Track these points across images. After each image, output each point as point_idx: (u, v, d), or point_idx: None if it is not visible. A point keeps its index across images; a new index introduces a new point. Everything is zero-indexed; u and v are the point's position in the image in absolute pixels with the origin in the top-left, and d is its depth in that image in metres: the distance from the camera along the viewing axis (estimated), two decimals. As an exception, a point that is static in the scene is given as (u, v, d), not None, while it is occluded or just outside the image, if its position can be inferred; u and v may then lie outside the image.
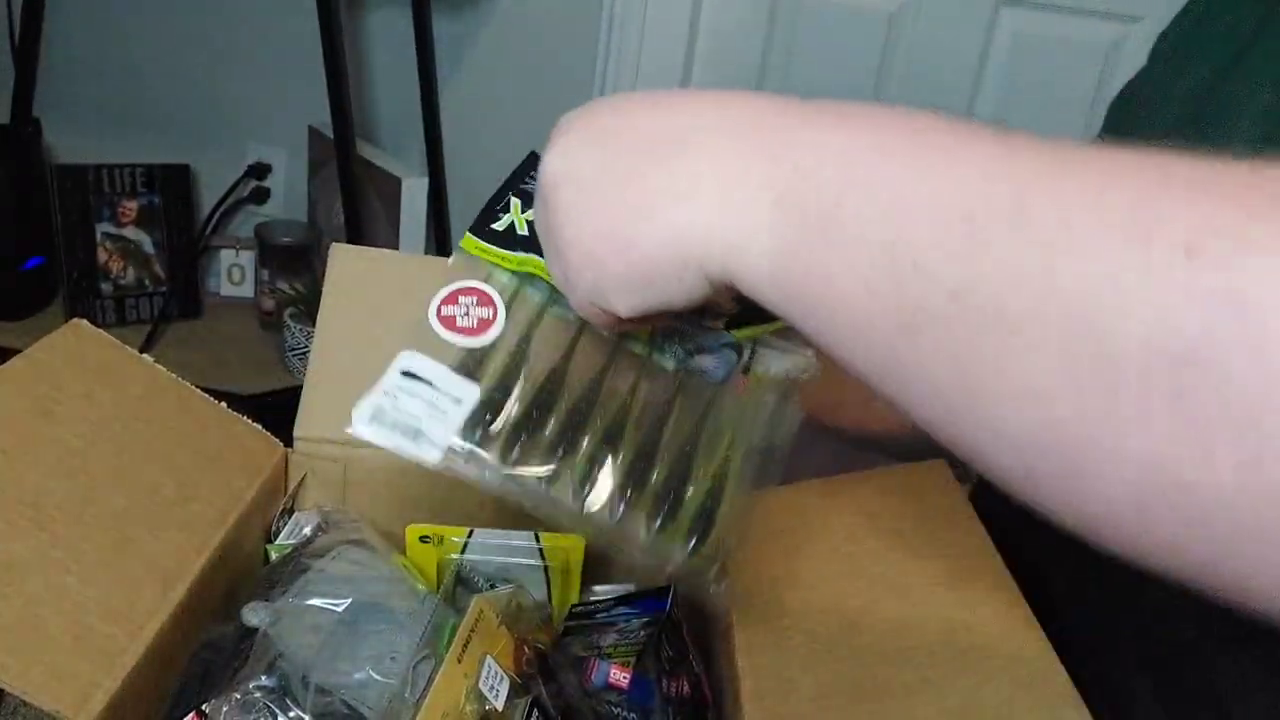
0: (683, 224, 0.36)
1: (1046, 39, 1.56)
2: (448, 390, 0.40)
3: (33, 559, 0.48)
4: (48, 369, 0.57)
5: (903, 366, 0.30)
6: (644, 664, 0.61)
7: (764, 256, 0.34)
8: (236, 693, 0.49)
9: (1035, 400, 0.26)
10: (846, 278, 0.31)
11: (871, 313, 0.30)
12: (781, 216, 0.33)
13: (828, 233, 0.32)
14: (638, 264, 0.38)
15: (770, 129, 0.36)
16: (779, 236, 0.33)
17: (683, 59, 1.63)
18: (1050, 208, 0.27)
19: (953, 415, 0.29)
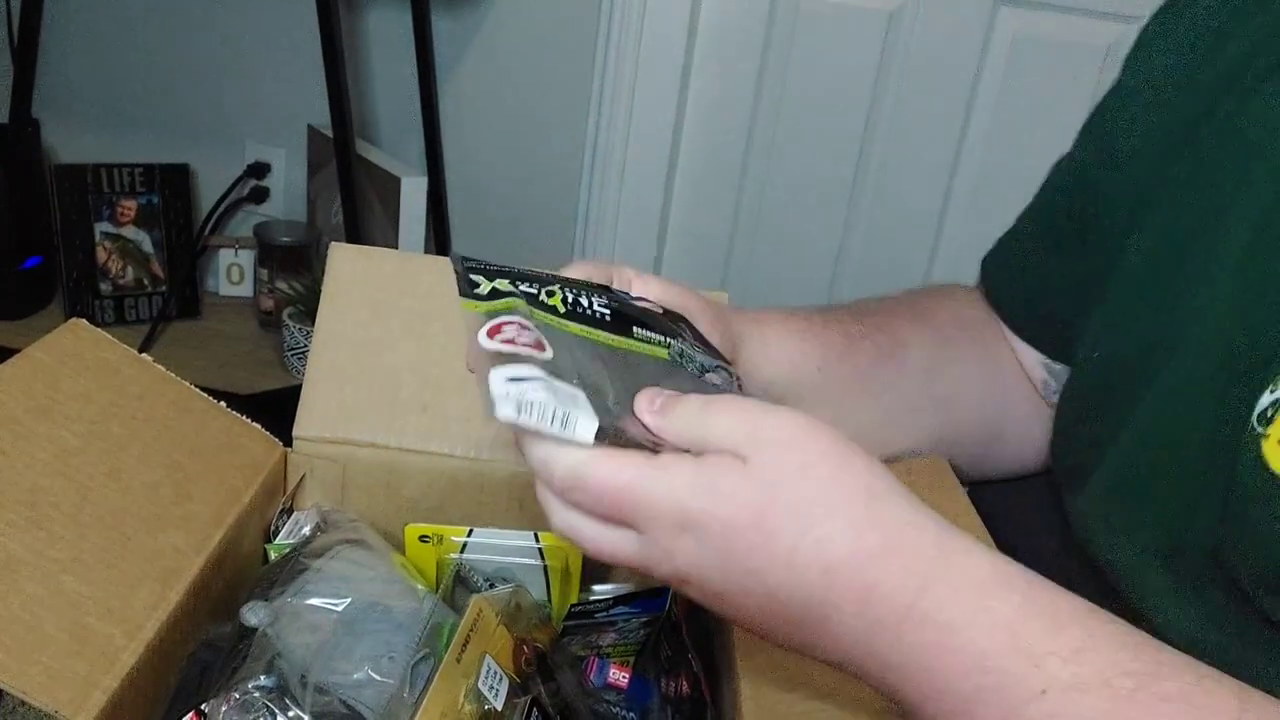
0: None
1: (1045, 39, 1.55)
2: (557, 386, 0.40)
3: (31, 558, 0.48)
4: (46, 368, 0.57)
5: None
6: (643, 663, 0.61)
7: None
8: (235, 692, 0.49)
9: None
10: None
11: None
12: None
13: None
14: (799, 651, 0.41)
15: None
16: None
17: (682, 58, 1.63)
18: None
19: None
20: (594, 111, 1.67)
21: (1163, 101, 0.58)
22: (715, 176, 1.72)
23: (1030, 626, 0.37)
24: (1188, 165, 0.55)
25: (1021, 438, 0.71)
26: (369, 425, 0.66)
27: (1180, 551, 0.51)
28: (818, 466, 0.40)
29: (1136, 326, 0.56)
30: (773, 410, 0.41)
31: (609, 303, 0.46)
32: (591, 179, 1.71)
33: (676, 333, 0.48)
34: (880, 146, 1.65)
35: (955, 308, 0.70)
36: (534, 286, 0.45)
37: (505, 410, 0.39)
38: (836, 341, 0.63)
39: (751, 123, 1.67)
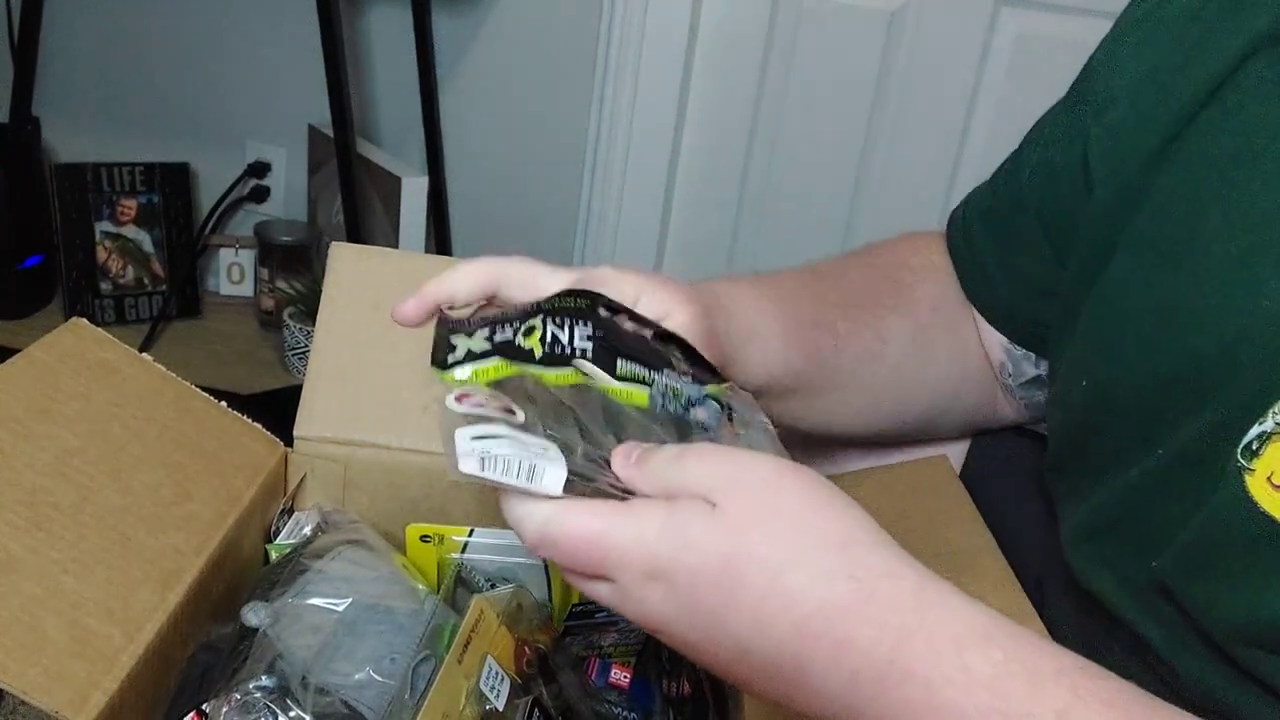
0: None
1: (1047, 38, 1.55)
2: (526, 440, 0.40)
3: (31, 559, 0.48)
4: (46, 368, 0.57)
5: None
6: (644, 664, 0.61)
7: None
8: (236, 693, 0.49)
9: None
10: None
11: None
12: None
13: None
14: (777, 703, 0.40)
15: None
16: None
17: (683, 57, 1.63)
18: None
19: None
20: (595, 111, 1.67)
21: (1138, 119, 0.56)
22: (716, 176, 1.72)
23: (1012, 686, 0.35)
24: (1166, 188, 0.53)
25: (965, 413, 0.71)
26: (370, 425, 0.66)
27: (1162, 591, 0.50)
28: (789, 513, 0.39)
29: (1120, 353, 0.54)
30: (748, 454, 0.40)
31: (593, 333, 0.45)
32: (593, 179, 1.71)
33: (664, 360, 0.46)
34: (882, 146, 1.65)
35: (933, 288, 0.69)
36: (512, 330, 0.44)
37: (468, 466, 0.38)
38: (824, 345, 0.62)
39: (753, 123, 1.67)
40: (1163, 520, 0.50)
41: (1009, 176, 0.67)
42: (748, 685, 0.41)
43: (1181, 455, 0.49)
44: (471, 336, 0.45)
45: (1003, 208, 0.67)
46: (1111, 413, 0.55)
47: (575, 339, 0.44)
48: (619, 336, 0.45)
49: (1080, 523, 0.57)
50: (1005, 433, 0.76)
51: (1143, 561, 0.51)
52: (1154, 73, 0.56)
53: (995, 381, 0.70)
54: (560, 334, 0.44)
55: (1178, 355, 0.50)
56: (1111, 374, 0.54)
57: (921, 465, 0.66)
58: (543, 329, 0.44)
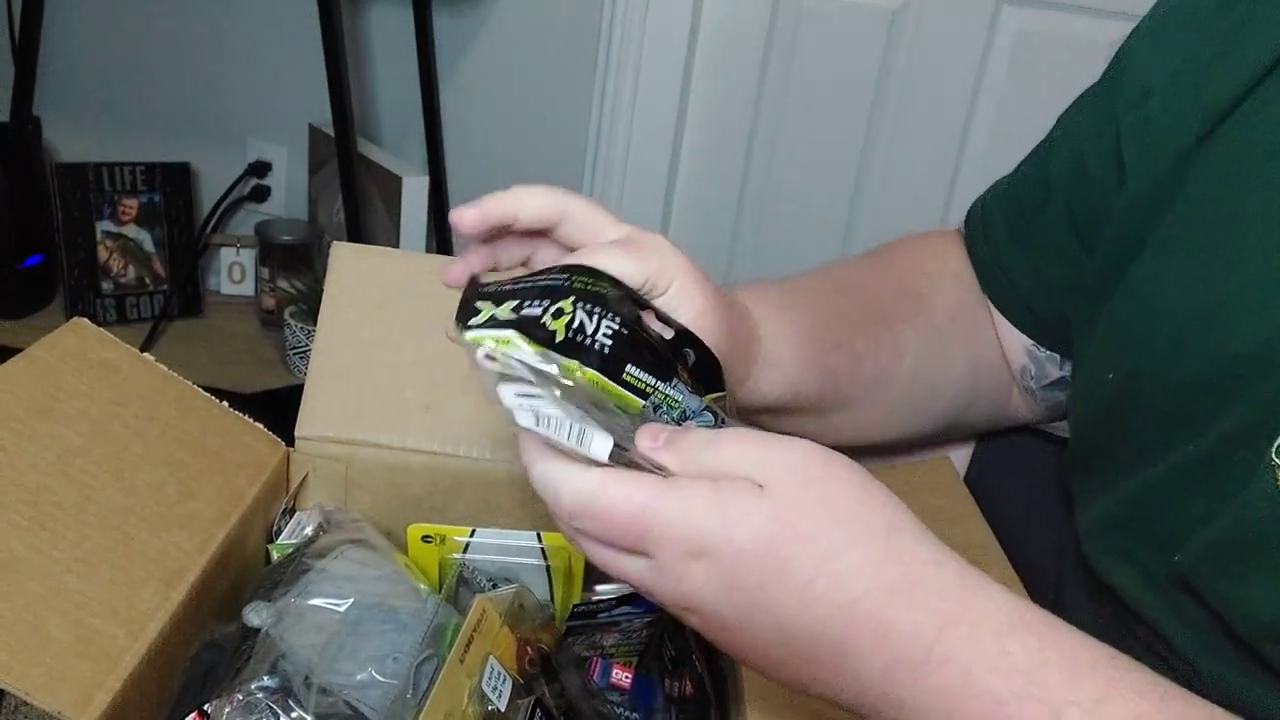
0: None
1: (1048, 36, 1.55)
2: (567, 405, 0.39)
3: (34, 558, 0.48)
4: (48, 368, 0.57)
5: None
6: (646, 664, 0.61)
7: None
8: (239, 693, 0.49)
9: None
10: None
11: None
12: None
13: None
14: (803, 689, 0.40)
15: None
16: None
17: (684, 56, 1.62)
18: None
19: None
20: (596, 110, 1.67)
21: (1172, 113, 0.55)
22: (717, 175, 1.72)
23: (1049, 674, 0.36)
24: (1200, 184, 0.53)
25: (979, 417, 0.71)
26: (371, 425, 0.66)
27: (1184, 587, 0.50)
28: (838, 497, 0.38)
29: (1151, 349, 0.53)
30: (788, 439, 0.40)
31: (619, 329, 0.44)
32: (593, 178, 1.71)
33: (672, 369, 0.45)
34: (883, 145, 1.65)
35: (951, 294, 0.68)
36: (541, 312, 0.43)
37: (524, 419, 0.37)
38: (840, 370, 0.62)
39: (753, 122, 1.67)
40: (1187, 515, 0.50)
41: (1034, 172, 0.66)
42: (778, 669, 0.40)
43: (1210, 451, 0.49)
44: (499, 305, 0.44)
45: (1029, 205, 0.66)
46: (1139, 408, 0.54)
47: (599, 331, 0.44)
48: (638, 337, 0.45)
49: (1100, 515, 0.57)
50: (1011, 433, 0.76)
51: (1164, 556, 0.51)
52: (1188, 65, 0.55)
53: (1011, 383, 0.69)
54: (587, 322, 0.44)
55: (1213, 354, 0.49)
56: (1141, 370, 0.54)
57: (923, 465, 0.66)
58: (572, 313, 0.44)
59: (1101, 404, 0.57)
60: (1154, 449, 0.52)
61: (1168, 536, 0.51)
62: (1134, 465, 0.54)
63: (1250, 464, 0.46)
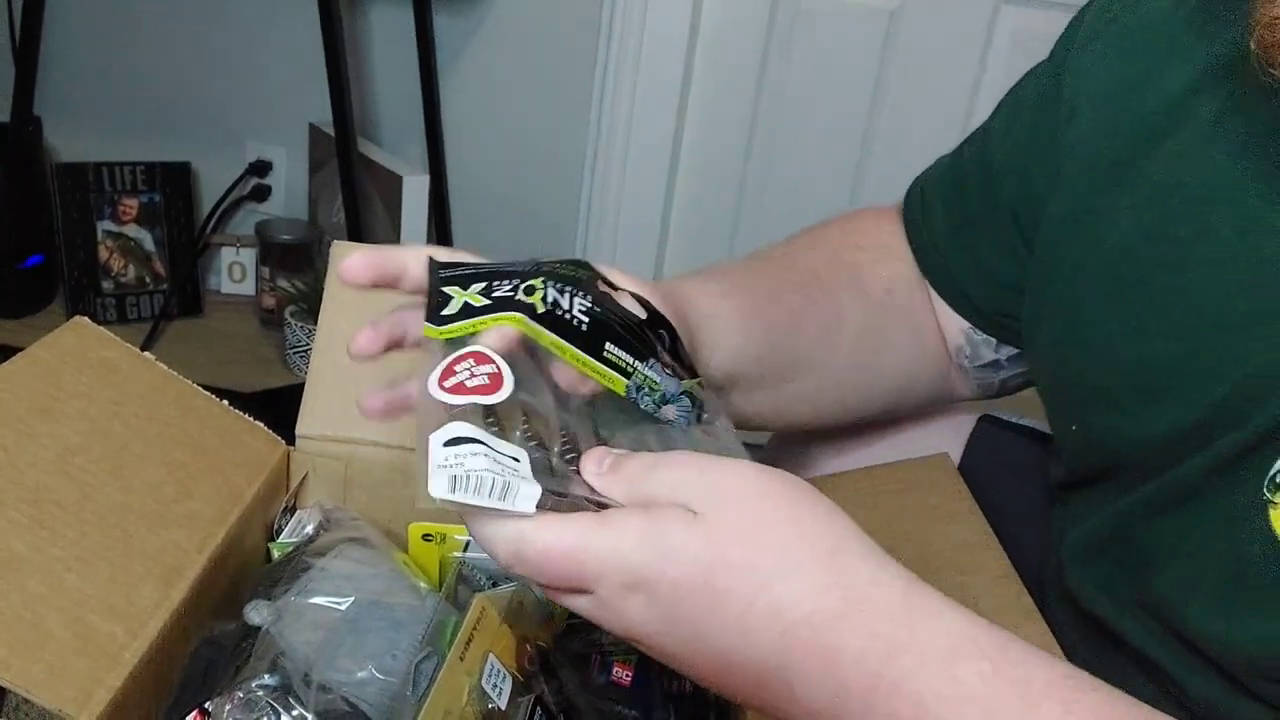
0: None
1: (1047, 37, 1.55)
2: (499, 446, 0.38)
3: (33, 557, 0.48)
4: (48, 367, 0.57)
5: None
6: (646, 662, 0.61)
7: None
8: (239, 691, 0.49)
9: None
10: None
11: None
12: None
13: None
14: (761, 712, 0.39)
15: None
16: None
17: (683, 56, 1.63)
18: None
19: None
20: (595, 109, 1.67)
21: (1095, 134, 0.54)
22: (717, 174, 1.72)
23: (1002, 701, 0.35)
24: (1133, 222, 0.51)
25: (924, 392, 0.70)
26: (371, 424, 0.66)
27: (1161, 617, 0.50)
28: (775, 523, 0.37)
29: (1114, 405, 0.52)
30: (727, 463, 0.39)
31: (591, 306, 0.44)
32: (593, 177, 1.71)
33: (649, 349, 0.45)
34: (882, 145, 1.65)
35: (886, 268, 0.68)
36: (513, 286, 0.43)
37: (438, 488, 0.36)
38: (780, 323, 0.61)
39: (753, 121, 1.67)
40: (1163, 546, 0.49)
41: (976, 163, 0.65)
42: (732, 694, 0.39)
43: (1185, 486, 0.48)
44: (467, 289, 0.43)
45: (972, 199, 0.64)
46: (1108, 453, 0.53)
47: (574, 308, 0.43)
48: (614, 315, 0.44)
49: (1076, 544, 0.56)
50: (1004, 432, 0.76)
51: (1141, 585, 0.50)
52: (1117, 86, 0.54)
53: (949, 360, 0.69)
54: (561, 299, 0.43)
55: (1182, 410, 0.48)
56: (1107, 425, 0.52)
57: (922, 463, 0.66)
58: (544, 290, 0.43)
59: (1072, 445, 0.57)
60: (1128, 485, 0.52)
61: (1143, 565, 0.51)
62: (1108, 497, 0.53)
63: (1238, 499, 0.45)
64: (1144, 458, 0.51)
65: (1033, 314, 0.59)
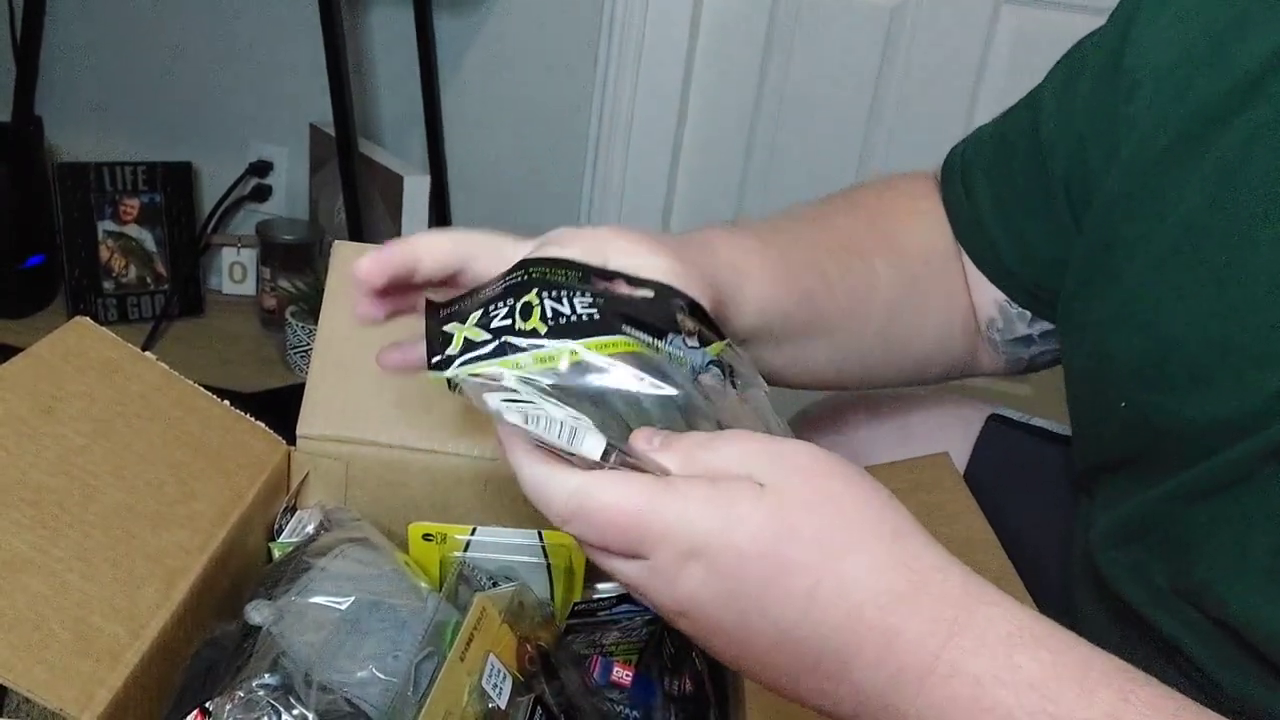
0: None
1: (1048, 35, 1.55)
2: (560, 409, 0.38)
3: (35, 557, 0.48)
4: (50, 367, 0.57)
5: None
6: (646, 662, 0.61)
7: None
8: (240, 691, 0.49)
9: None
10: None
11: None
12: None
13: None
14: (798, 699, 0.38)
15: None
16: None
17: (684, 56, 1.63)
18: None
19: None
20: (596, 108, 1.67)
21: (1157, 111, 0.52)
22: (718, 172, 1.72)
23: (1061, 689, 0.35)
24: (1195, 198, 0.49)
25: (948, 364, 0.69)
26: (372, 424, 0.66)
27: (1199, 604, 0.49)
28: (842, 498, 0.37)
29: (1167, 382, 0.50)
30: (787, 440, 0.39)
31: (594, 300, 0.43)
32: (594, 176, 1.71)
33: (670, 322, 0.44)
34: (883, 143, 1.65)
35: (923, 237, 0.66)
36: (508, 311, 0.42)
37: (513, 416, 0.36)
38: (811, 289, 0.59)
39: (754, 119, 1.67)
40: (1205, 531, 0.48)
41: (1024, 135, 0.63)
42: (774, 676, 0.38)
43: (1234, 469, 0.47)
44: (465, 322, 0.42)
45: (1017, 170, 0.63)
46: (1155, 435, 0.52)
47: (577, 308, 0.42)
48: (620, 301, 0.43)
49: (1108, 528, 0.55)
50: (1014, 432, 0.75)
51: (1177, 571, 0.50)
52: (1183, 60, 0.52)
53: (978, 333, 0.68)
54: (560, 307, 0.42)
55: (1236, 393, 0.47)
56: (1157, 403, 0.51)
57: (923, 462, 0.66)
58: (540, 306, 0.42)
59: (1112, 427, 0.56)
60: (1169, 468, 0.51)
61: (1182, 551, 0.50)
62: (1146, 481, 0.52)
63: (1267, 480, 0.45)
64: (1190, 440, 0.49)
65: (1078, 289, 0.57)
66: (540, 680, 0.56)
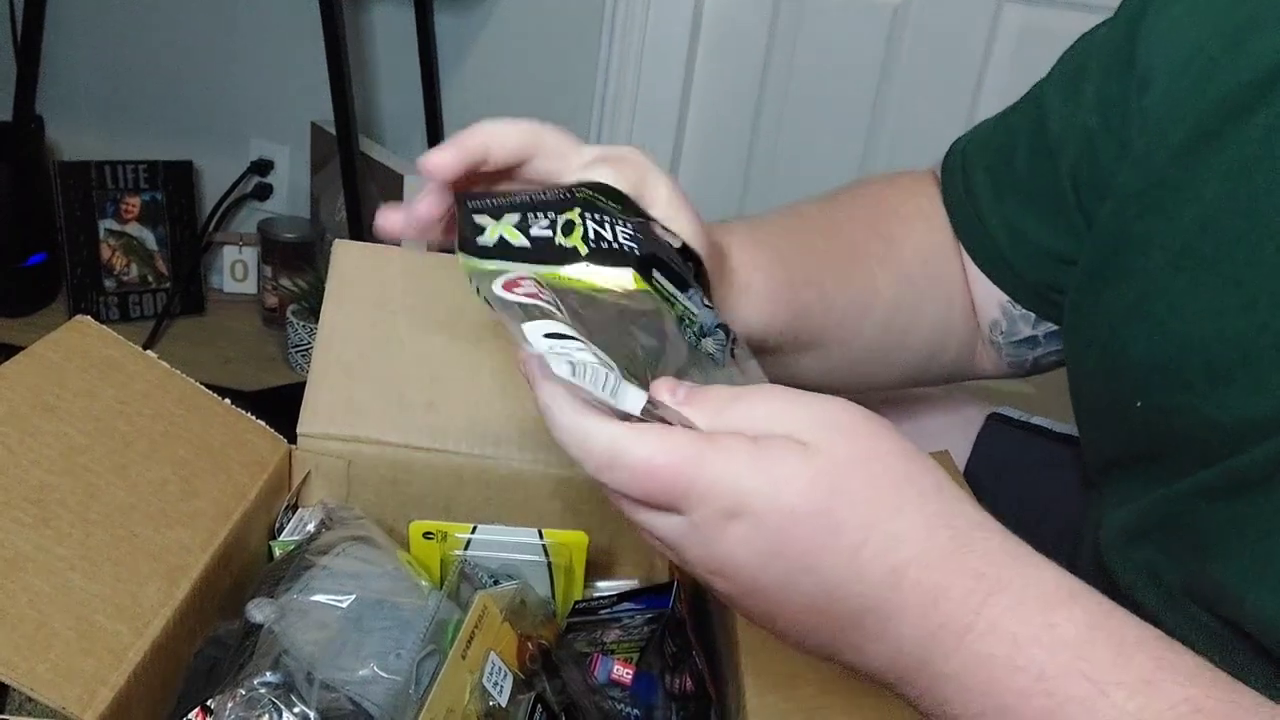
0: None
1: (1050, 32, 1.55)
2: (596, 351, 0.36)
3: (38, 555, 0.48)
4: (51, 365, 0.57)
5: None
6: (647, 660, 0.61)
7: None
8: (242, 689, 0.49)
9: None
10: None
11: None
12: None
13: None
14: (829, 657, 0.38)
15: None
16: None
17: (685, 53, 1.63)
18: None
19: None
20: (598, 108, 1.67)
21: (1172, 104, 0.51)
22: (720, 171, 1.72)
23: (1096, 651, 0.34)
24: (1211, 194, 0.49)
25: (945, 367, 0.68)
26: (374, 422, 0.66)
27: (1208, 604, 0.48)
28: (886, 455, 0.37)
29: (1186, 384, 0.49)
30: (820, 397, 0.37)
31: (634, 234, 0.41)
32: (595, 175, 1.71)
33: (688, 279, 0.43)
34: (886, 140, 1.65)
35: (923, 238, 0.65)
36: (549, 223, 0.40)
37: (561, 369, 0.34)
38: (811, 304, 0.59)
39: (756, 117, 1.67)
40: (1228, 533, 0.48)
41: (1028, 131, 0.62)
42: (807, 636, 0.38)
43: (1257, 472, 0.47)
44: (499, 219, 0.40)
45: (1019, 168, 0.62)
46: (1173, 434, 0.51)
47: (619, 236, 0.41)
48: (655, 244, 0.42)
49: (1119, 526, 0.55)
50: (1014, 431, 0.75)
51: (1190, 569, 0.49)
52: (1197, 55, 0.51)
53: (977, 335, 0.67)
54: (604, 231, 0.41)
55: (1258, 394, 0.46)
56: (1176, 404, 0.50)
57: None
58: (583, 226, 0.41)
59: (1127, 424, 0.55)
60: (1185, 467, 0.50)
61: (1197, 551, 0.49)
62: (1160, 479, 0.52)
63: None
64: (1209, 440, 0.49)
65: (1089, 285, 0.56)
66: (541, 678, 0.56)
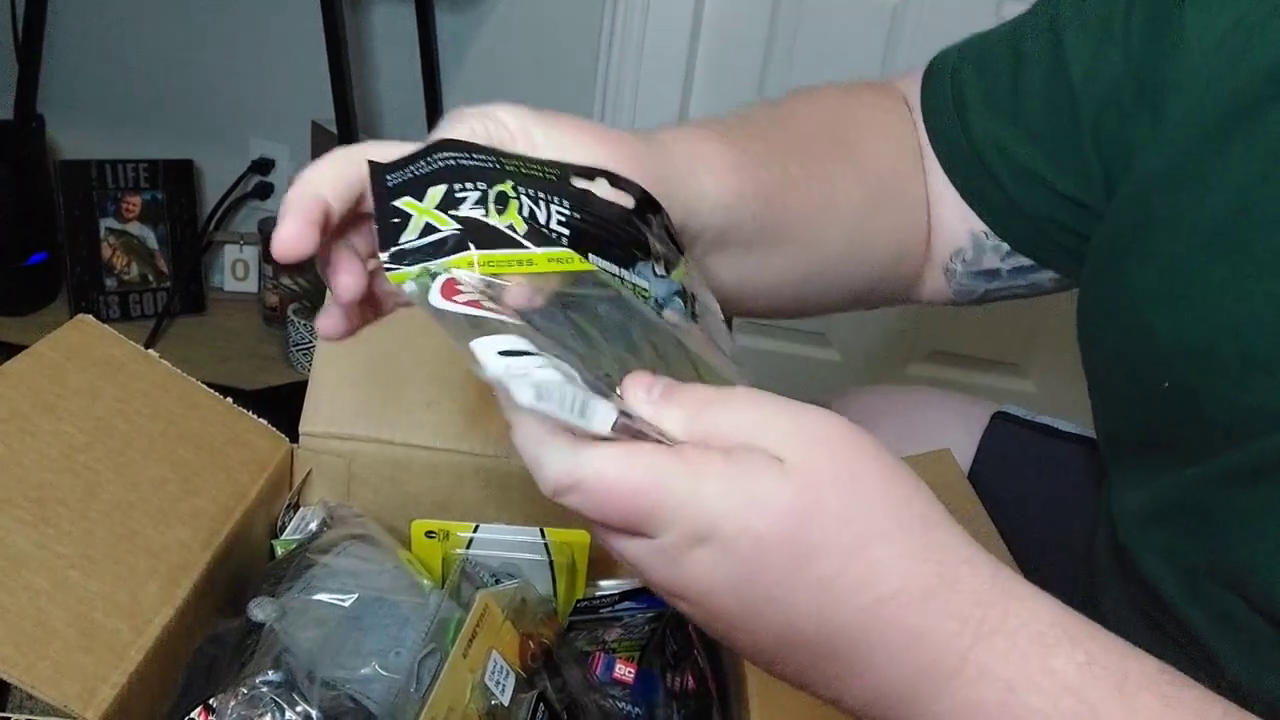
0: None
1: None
2: (557, 363, 0.32)
3: (38, 554, 0.48)
4: (52, 364, 0.57)
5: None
6: (649, 658, 0.61)
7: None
8: (243, 687, 0.49)
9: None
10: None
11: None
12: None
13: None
14: (803, 687, 0.36)
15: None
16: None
17: (685, 52, 1.62)
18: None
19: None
20: (598, 107, 1.67)
21: (1220, 70, 0.48)
22: (719, 171, 1.72)
23: (1100, 692, 0.32)
24: (1249, 176, 0.47)
25: (892, 289, 0.64)
26: (375, 421, 0.66)
27: (1231, 586, 0.48)
28: (868, 479, 0.34)
29: (1220, 370, 0.48)
30: (805, 407, 0.35)
31: (570, 214, 0.37)
32: (595, 174, 1.71)
33: (640, 248, 0.39)
34: (885, 141, 1.65)
35: (889, 154, 0.61)
36: (479, 199, 0.36)
37: (523, 395, 0.31)
38: (774, 186, 0.54)
39: (756, 117, 1.67)
40: (1252, 516, 0.47)
41: (1043, 63, 0.57)
42: (780, 665, 0.36)
43: (1261, 447, 0.46)
44: (423, 199, 0.36)
45: (1033, 89, 0.57)
46: (1200, 415, 0.50)
47: (551, 220, 0.37)
48: (595, 220, 0.38)
49: (1137, 510, 0.54)
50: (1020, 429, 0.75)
51: (1211, 552, 0.48)
52: (1235, 26, 0.48)
53: (927, 260, 0.63)
54: (537, 210, 0.37)
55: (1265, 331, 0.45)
56: (1208, 388, 0.49)
57: (924, 459, 0.66)
58: (518, 200, 0.36)
59: (1152, 405, 0.53)
60: (1212, 450, 0.49)
61: (1221, 534, 0.48)
62: (1184, 461, 0.51)
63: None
64: (1240, 424, 0.47)
65: (1107, 263, 0.54)
66: (543, 677, 0.56)
